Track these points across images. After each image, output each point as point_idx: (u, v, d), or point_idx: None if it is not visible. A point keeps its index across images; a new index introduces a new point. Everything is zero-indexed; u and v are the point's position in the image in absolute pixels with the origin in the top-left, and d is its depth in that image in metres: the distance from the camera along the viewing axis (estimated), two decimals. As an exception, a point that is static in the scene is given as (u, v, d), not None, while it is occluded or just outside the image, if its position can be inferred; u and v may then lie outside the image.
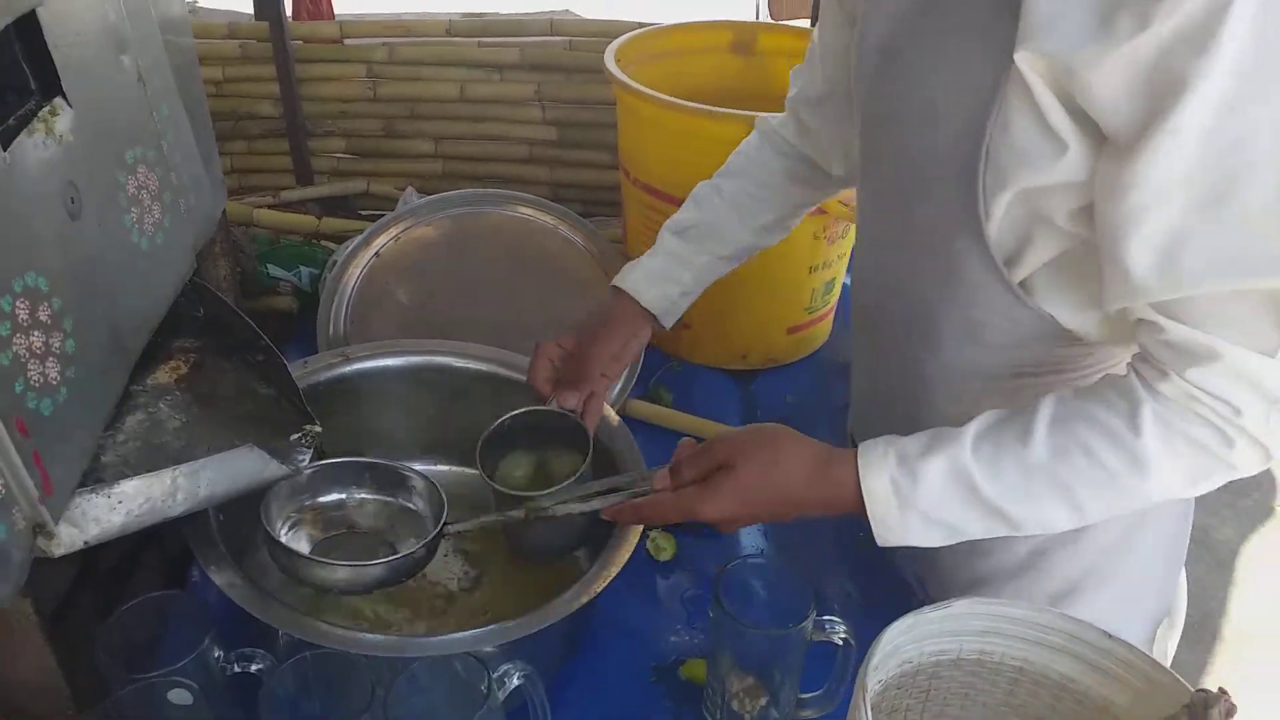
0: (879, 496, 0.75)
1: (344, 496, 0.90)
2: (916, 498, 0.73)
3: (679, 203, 1.22)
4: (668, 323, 1.01)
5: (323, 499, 0.89)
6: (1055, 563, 0.90)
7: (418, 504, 0.90)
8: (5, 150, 0.62)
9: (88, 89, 0.73)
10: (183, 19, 0.98)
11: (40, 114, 0.68)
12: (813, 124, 0.99)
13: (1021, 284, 0.76)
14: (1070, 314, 0.76)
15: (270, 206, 1.59)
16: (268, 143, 1.68)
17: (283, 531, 0.85)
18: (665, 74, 1.35)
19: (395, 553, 0.85)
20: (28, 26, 0.67)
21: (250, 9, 1.62)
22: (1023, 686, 0.72)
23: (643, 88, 1.17)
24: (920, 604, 0.99)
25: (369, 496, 0.91)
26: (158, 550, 0.93)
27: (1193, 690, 0.63)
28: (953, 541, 0.76)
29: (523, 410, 0.92)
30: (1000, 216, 0.72)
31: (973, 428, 0.74)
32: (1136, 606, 0.94)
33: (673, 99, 1.16)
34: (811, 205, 1.06)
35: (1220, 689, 0.62)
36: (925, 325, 0.82)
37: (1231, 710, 0.61)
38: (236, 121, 1.63)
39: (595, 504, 0.85)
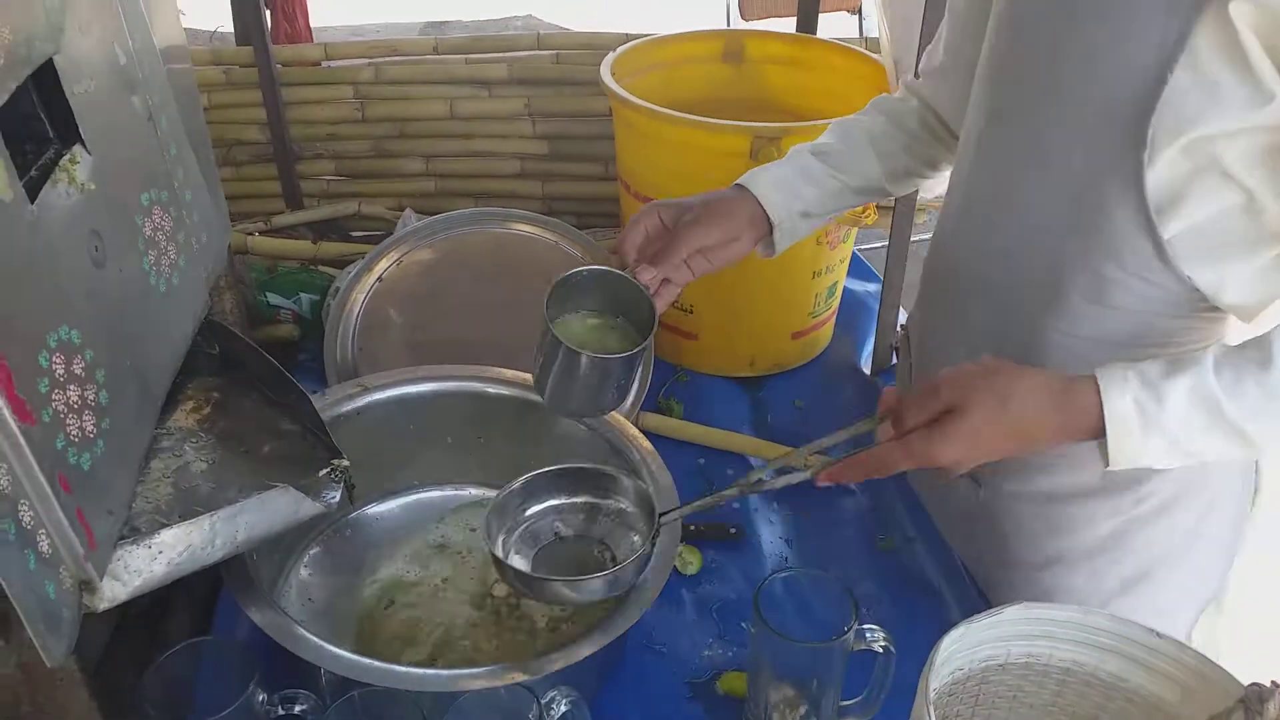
0: (1121, 418, 0.74)
1: (555, 503, 0.91)
2: (1162, 419, 0.73)
3: (682, 214, 1.23)
4: (779, 242, 0.96)
5: (533, 509, 0.91)
6: (1134, 545, 0.91)
7: (624, 503, 0.90)
8: (33, 203, 0.61)
9: (103, 134, 0.72)
10: (181, 46, 0.97)
11: (61, 163, 0.67)
12: (937, 94, 1.00)
13: (1168, 241, 0.77)
14: (1208, 274, 0.78)
15: (262, 233, 1.58)
16: (256, 168, 1.66)
17: (501, 546, 0.87)
18: (658, 85, 1.35)
19: (610, 553, 0.88)
20: (45, 75, 0.66)
21: (202, 27, 1.60)
22: (1071, 687, 0.72)
23: (642, 102, 1.17)
24: (946, 597, 1.02)
25: (576, 500, 0.91)
26: (185, 594, 0.92)
27: (1244, 685, 0.64)
28: (1187, 463, 0.76)
29: (600, 268, 0.89)
30: (1165, 164, 0.74)
31: (1211, 353, 0.74)
32: (1197, 591, 0.96)
33: (672, 112, 1.16)
34: (938, 169, 1.05)
35: (1274, 681, 0.62)
36: (1051, 285, 0.83)
37: (1287, 703, 0.62)
38: (228, 149, 1.61)
39: (805, 474, 0.81)
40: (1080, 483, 0.91)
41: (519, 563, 0.87)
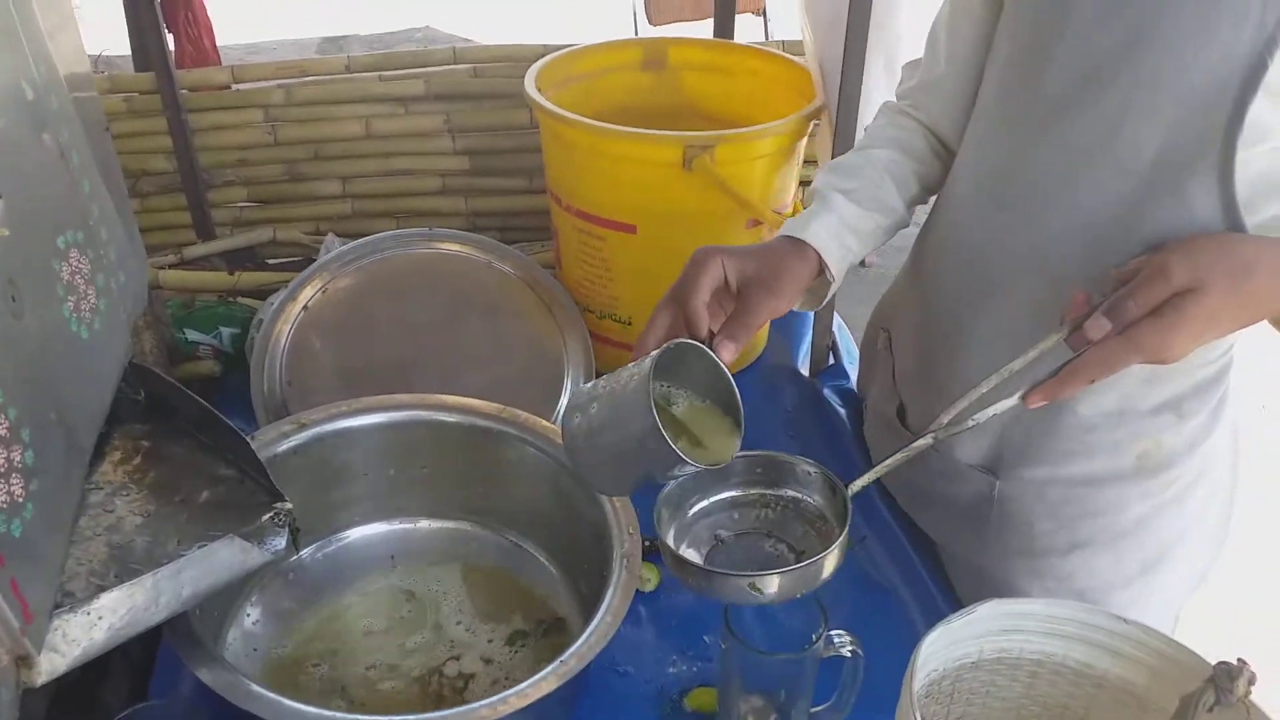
0: None
1: (732, 495, 0.82)
2: None
3: (616, 226, 1.22)
4: (829, 291, 0.90)
5: (707, 500, 0.81)
6: (1158, 527, 0.92)
7: (797, 490, 0.81)
8: (-59, 255, 0.57)
9: (14, 175, 0.67)
10: (86, 74, 0.92)
11: (-32, 209, 0.62)
12: (933, 107, 0.98)
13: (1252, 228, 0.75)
14: None
15: (174, 266, 1.51)
16: (163, 199, 1.59)
17: (672, 539, 0.78)
18: (581, 96, 1.33)
19: (788, 545, 0.80)
20: (-56, 116, 0.62)
21: (94, 51, 1.52)
22: (1042, 679, 0.73)
23: (572, 115, 1.16)
24: (904, 595, 1.02)
25: (750, 493, 0.82)
26: (121, 658, 0.87)
27: (1212, 664, 0.65)
28: None
29: (688, 343, 0.75)
30: (1259, 156, 0.72)
31: None
32: (1196, 572, 0.97)
33: (604, 124, 1.15)
34: (934, 192, 1.01)
35: (1239, 659, 0.64)
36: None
37: (1253, 679, 0.63)
38: (134, 181, 1.54)
39: (1011, 401, 0.73)
40: (1116, 467, 0.91)
41: (692, 555, 0.78)
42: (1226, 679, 0.63)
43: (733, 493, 0.82)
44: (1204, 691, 0.64)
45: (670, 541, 0.77)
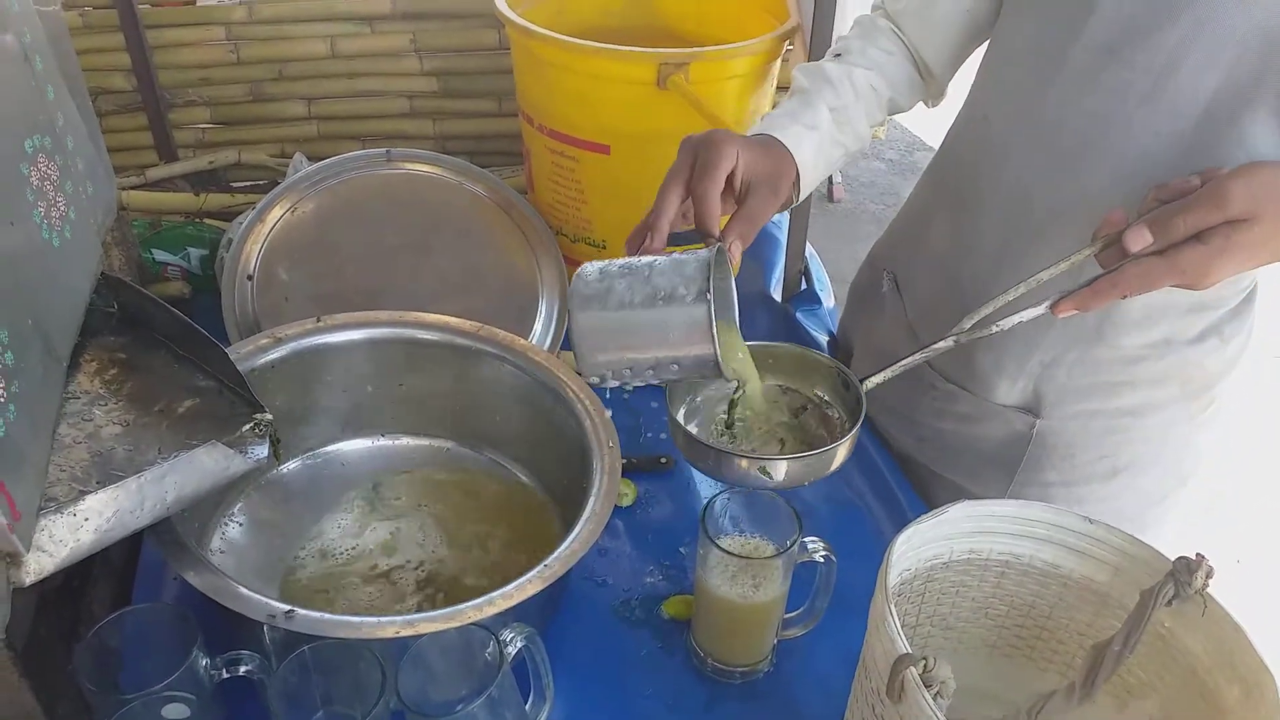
0: None
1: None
2: None
3: (590, 146, 1.21)
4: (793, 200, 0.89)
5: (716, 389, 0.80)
6: (1197, 442, 0.97)
7: (819, 386, 0.82)
8: (-87, 150, 0.56)
9: (-21, 74, 0.66)
10: (45, -12, 0.89)
11: (-64, 107, 0.61)
12: (920, 31, 0.95)
13: None
14: None
15: (137, 187, 1.48)
16: (123, 118, 1.55)
17: (682, 418, 0.77)
18: (552, 15, 1.31)
19: (797, 432, 0.80)
20: (-92, 8, 0.60)
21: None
22: (1009, 578, 0.76)
23: (547, 31, 1.14)
24: (874, 509, 1.05)
25: (767, 383, 0.81)
26: (104, 564, 0.87)
27: (1171, 559, 0.68)
28: None
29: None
30: None
31: None
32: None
33: (579, 41, 1.13)
34: (898, 113, 1.00)
35: (1198, 554, 0.67)
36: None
37: (1211, 572, 0.66)
38: (94, 99, 1.49)
39: (1038, 310, 0.73)
40: (1162, 396, 0.93)
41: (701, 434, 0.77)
42: (1185, 572, 0.66)
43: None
44: (1163, 585, 0.67)
45: (680, 420, 0.76)
